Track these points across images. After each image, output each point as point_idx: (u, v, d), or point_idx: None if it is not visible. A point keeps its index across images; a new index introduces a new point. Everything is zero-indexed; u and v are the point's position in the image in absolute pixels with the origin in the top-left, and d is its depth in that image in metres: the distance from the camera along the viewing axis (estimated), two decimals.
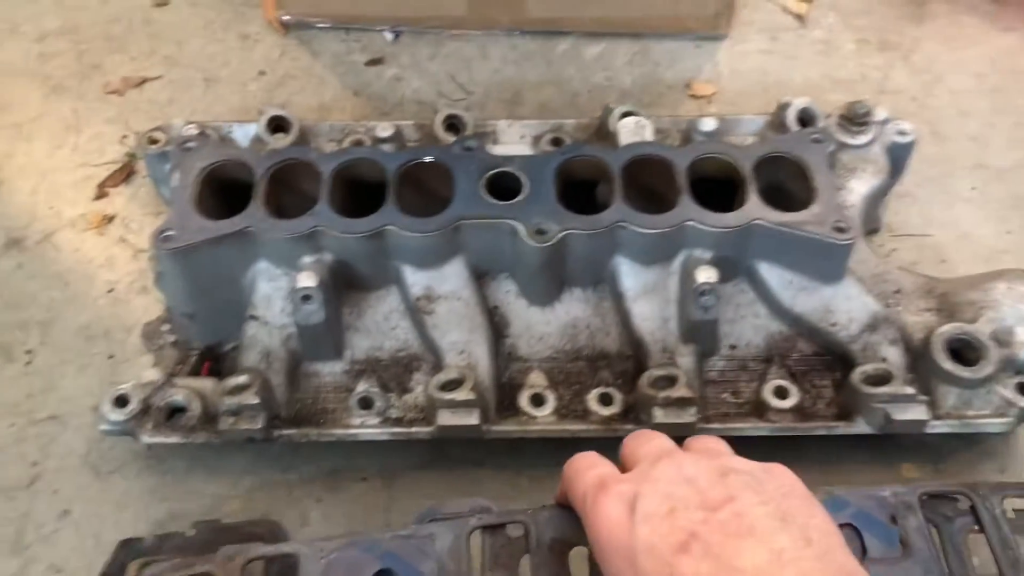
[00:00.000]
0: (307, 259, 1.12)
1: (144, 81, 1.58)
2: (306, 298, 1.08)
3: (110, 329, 1.31)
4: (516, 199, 1.13)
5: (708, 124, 1.24)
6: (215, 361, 1.22)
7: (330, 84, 1.58)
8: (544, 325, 1.19)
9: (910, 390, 1.08)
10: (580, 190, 1.21)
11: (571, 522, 1.06)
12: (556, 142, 1.34)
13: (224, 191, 1.19)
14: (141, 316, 1.31)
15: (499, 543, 1.04)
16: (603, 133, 1.33)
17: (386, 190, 1.14)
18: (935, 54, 1.61)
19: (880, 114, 1.31)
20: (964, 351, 1.13)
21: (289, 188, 1.19)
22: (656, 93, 1.56)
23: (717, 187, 1.19)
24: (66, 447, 1.22)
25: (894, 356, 1.14)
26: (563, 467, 0.91)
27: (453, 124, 1.32)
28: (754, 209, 1.11)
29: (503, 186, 1.16)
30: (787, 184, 1.19)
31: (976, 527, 1.06)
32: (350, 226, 1.10)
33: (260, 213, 1.11)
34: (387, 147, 1.23)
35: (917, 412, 1.09)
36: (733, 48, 1.62)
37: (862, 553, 1.07)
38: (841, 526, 1.07)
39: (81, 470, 1.20)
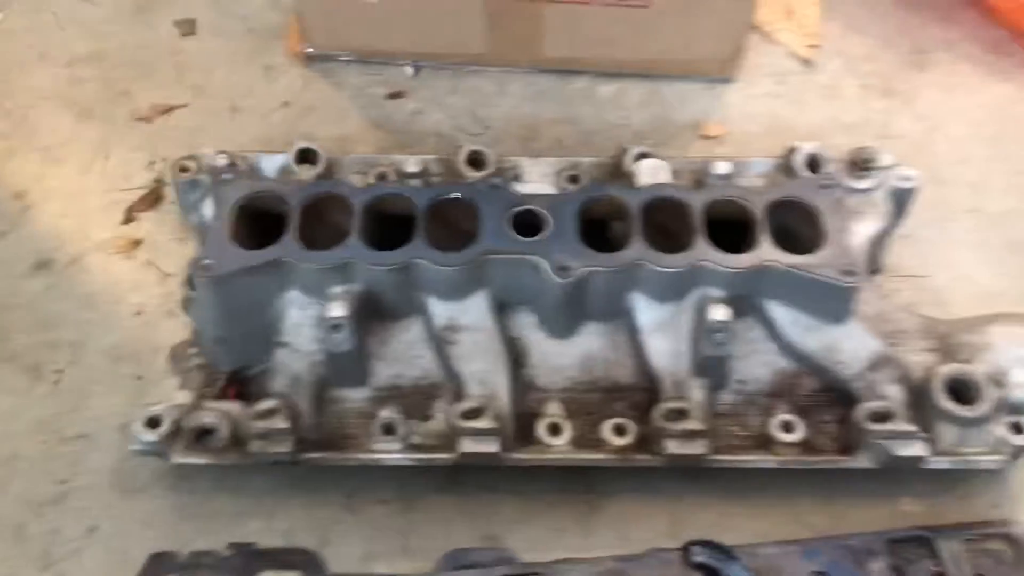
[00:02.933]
0: (337, 289, 1.17)
1: (171, 109, 1.63)
2: (336, 327, 1.13)
3: (138, 351, 1.35)
4: (540, 236, 1.18)
5: (722, 167, 1.29)
6: (241, 384, 1.26)
7: (351, 116, 1.63)
8: (562, 357, 1.24)
9: (911, 427, 1.14)
10: (592, 227, 1.26)
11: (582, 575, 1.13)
12: (573, 179, 1.39)
13: (257, 221, 1.23)
14: (168, 338, 1.35)
15: None
16: (619, 172, 1.38)
17: (415, 225, 1.18)
18: (936, 101, 1.67)
19: (885, 160, 1.37)
20: (962, 391, 1.18)
21: (320, 219, 1.23)
22: (668, 133, 1.62)
23: (729, 228, 1.24)
24: (94, 465, 1.26)
25: (895, 394, 1.19)
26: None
27: (475, 160, 1.37)
28: (766, 251, 1.17)
29: (527, 223, 1.21)
30: (797, 227, 1.25)
31: (937, 567, 1.14)
32: (380, 258, 1.15)
33: (293, 244, 1.16)
34: (414, 182, 1.28)
35: (917, 448, 1.14)
36: (742, 91, 1.68)
37: None
38: (812, 573, 1.14)
39: (108, 488, 1.24)
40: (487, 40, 1.62)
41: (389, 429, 1.17)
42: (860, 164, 1.35)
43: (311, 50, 1.68)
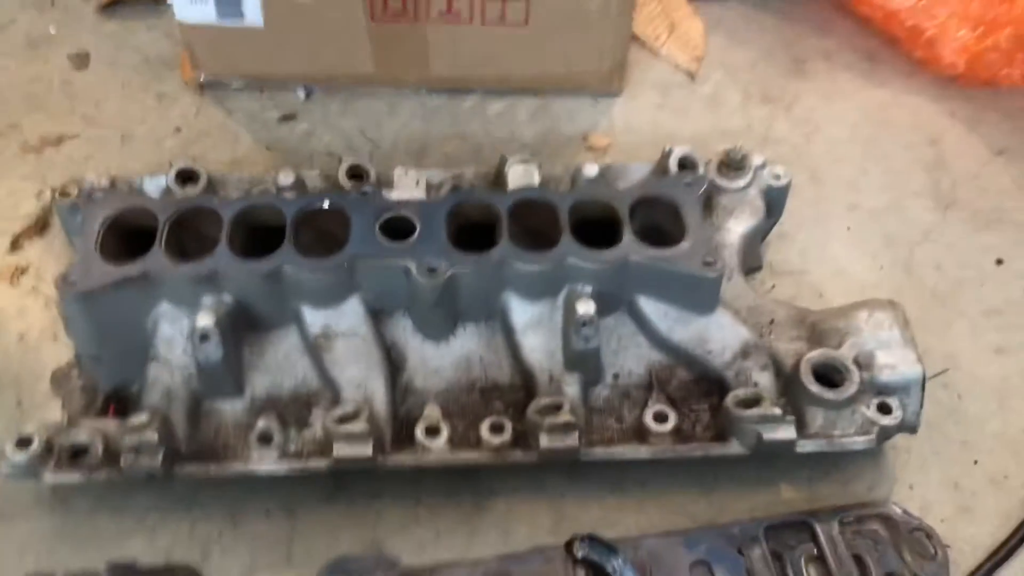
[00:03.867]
0: (207, 300, 1.17)
1: (62, 139, 1.63)
2: (204, 337, 1.13)
3: (19, 376, 1.34)
4: (409, 240, 1.20)
5: (591, 170, 1.33)
6: (121, 403, 1.26)
7: (243, 139, 1.64)
8: (439, 359, 1.25)
9: (778, 411, 1.16)
10: (484, 234, 1.27)
11: None
12: (456, 189, 1.41)
13: (132, 239, 1.24)
14: (51, 363, 1.34)
15: None
16: (500, 181, 1.41)
17: (285, 233, 1.20)
18: (814, 107, 1.73)
19: (757, 159, 1.41)
20: (831, 375, 1.21)
21: (193, 235, 1.24)
22: (555, 146, 1.65)
23: (603, 230, 1.27)
24: None
25: (765, 380, 1.22)
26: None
27: (357, 174, 1.39)
28: (629, 246, 1.20)
29: (399, 229, 1.23)
30: (664, 225, 1.28)
31: (815, 551, 1.16)
32: (248, 267, 1.16)
33: (161, 257, 1.16)
34: (289, 194, 1.29)
35: (786, 431, 1.17)
36: (627, 103, 1.72)
37: None
38: (695, 563, 1.16)
39: None
40: (375, 61, 1.65)
41: (265, 438, 1.17)
42: (731, 164, 1.39)
43: (204, 77, 1.70)
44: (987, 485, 1.28)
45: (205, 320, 1.13)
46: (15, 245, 1.49)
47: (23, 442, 1.14)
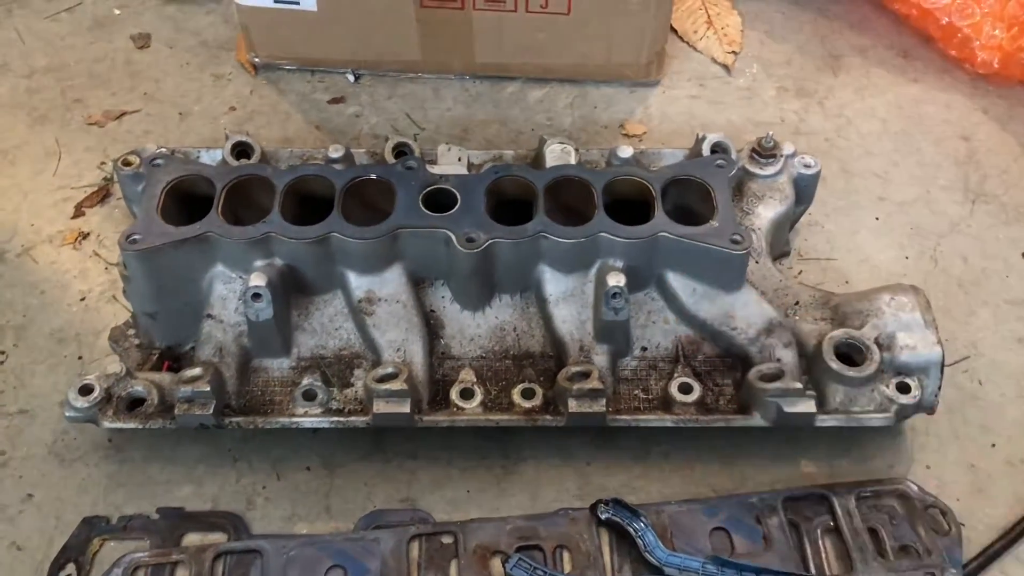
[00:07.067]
0: (259, 263, 1.24)
1: (123, 114, 1.72)
2: (256, 296, 1.20)
3: (80, 333, 1.42)
4: (450, 212, 1.26)
5: (625, 151, 1.38)
6: (174, 360, 1.33)
7: (294, 119, 1.72)
8: (475, 328, 1.31)
9: (799, 385, 1.21)
10: (522, 212, 1.32)
11: (493, 533, 1.19)
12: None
13: (188, 204, 1.31)
14: (110, 322, 1.42)
15: (433, 548, 1.23)
16: (538, 163, 1.47)
17: (334, 202, 1.26)
18: (847, 101, 1.77)
19: (788, 148, 1.46)
20: (852, 354, 1.25)
21: (247, 202, 1.31)
22: (592, 132, 1.71)
23: (635, 210, 1.32)
24: (33, 437, 1.32)
25: (788, 357, 1.26)
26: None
27: (401, 151, 1.46)
28: (660, 223, 1.25)
29: (440, 201, 1.29)
30: (695, 205, 1.33)
31: (832, 523, 1.21)
32: (298, 232, 1.23)
33: (217, 220, 1.24)
34: (338, 167, 1.36)
35: (806, 406, 1.21)
36: (664, 93, 1.77)
37: (731, 550, 1.20)
38: (714, 529, 1.21)
39: (46, 458, 1.30)
40: (422, 47, 1.72)
41: (309, 395, 1.24)
42: (763, 151, 1.44)
43: (258, 59, 1.78)
44: (1004, 467, 1.31)
45: (257, 280, 1.20)
46: (78, 212, 1.57)
47: (85, 390, 1.22)
